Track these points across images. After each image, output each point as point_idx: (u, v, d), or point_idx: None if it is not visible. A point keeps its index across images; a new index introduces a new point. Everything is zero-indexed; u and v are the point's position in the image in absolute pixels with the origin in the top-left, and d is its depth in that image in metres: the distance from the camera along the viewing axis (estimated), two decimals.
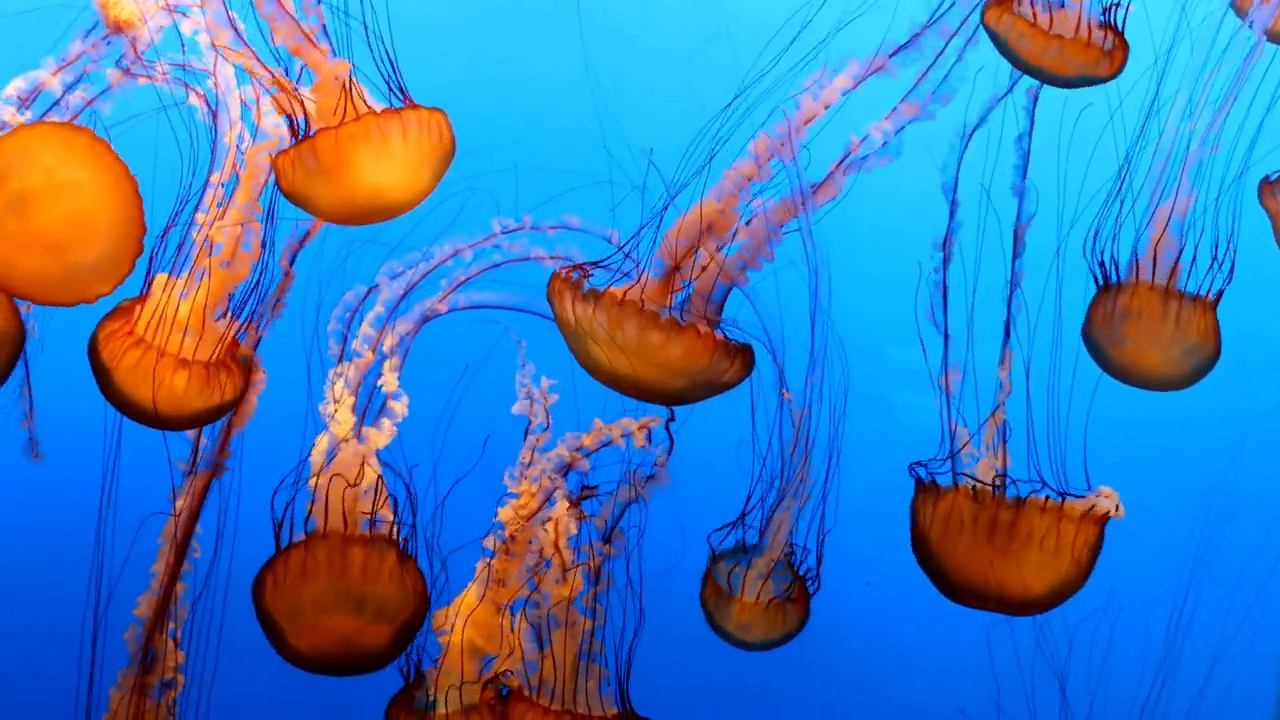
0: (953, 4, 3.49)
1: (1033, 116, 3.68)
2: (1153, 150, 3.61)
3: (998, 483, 3.57)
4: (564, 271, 3.57)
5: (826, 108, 3.53)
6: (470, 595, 3.71)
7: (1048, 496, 3.52)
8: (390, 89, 3.39)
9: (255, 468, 3.73)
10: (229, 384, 3.48)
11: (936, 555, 3.62)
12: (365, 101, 3.38)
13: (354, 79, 3.36)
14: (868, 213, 3.72)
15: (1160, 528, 4.39)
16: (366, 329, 3.70)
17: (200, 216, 3.44)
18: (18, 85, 3.34)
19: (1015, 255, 3.68)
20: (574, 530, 3.69)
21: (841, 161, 3.57)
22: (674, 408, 3.70)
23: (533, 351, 3.76)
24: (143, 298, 3.45)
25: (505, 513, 3.70)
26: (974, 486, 3.55)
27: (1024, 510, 3.51)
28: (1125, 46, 3.53)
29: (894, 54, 3.51)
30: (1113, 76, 3.55)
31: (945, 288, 3.67)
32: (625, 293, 3.53)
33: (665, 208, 3.57)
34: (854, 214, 3.64)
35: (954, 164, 3.65)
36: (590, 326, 3.52)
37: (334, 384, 3.65)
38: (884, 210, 3.92)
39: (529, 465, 3.71)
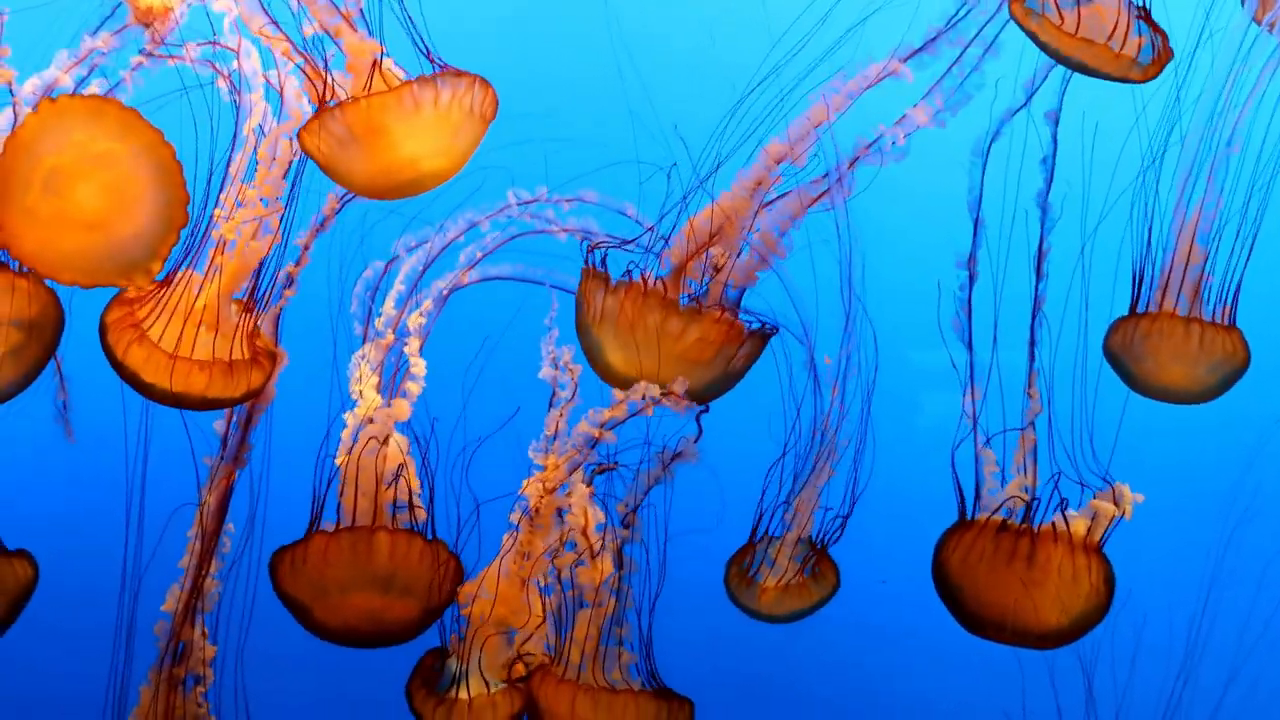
0: None
1: (1056, 122, 3.68)
2: (1176, 157, 3.63)
3: (1025, 503, 3.59)
4: (593, 268, 3.58)
5: (856, 94, 3.54)
6: (494, 569, 3.71)
7: (1064, 518, 3.53)
8: (428, 57, 3.35)
9: (283, 451, 3.72)
10: (249, 375, 3.48)
11: (956, 586, 3.65)
12: (396, 76, 3.35)
13: (385, 57, 3.33)
14: (894, 210, 3.74)
15: (1181, 530, 4.40)
16: (389, 309, 3.69)
17: (219, 211, 3.44)
18: (33, 84, 3.33)
19: (1039, 278, 3.69)
20: (601, 517, 3.69)
21: (856, 159, 3.58)
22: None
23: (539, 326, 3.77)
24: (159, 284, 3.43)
25: (530, 486, 3.69)
26: (1003, 521, 3.56)
27: (1042, 540, 3.53)
28: (1165, 40, 3.51)
29: (924, 47, 3.51)
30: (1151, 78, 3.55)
31: (970, 308, 3.67)
32: (646, 284, 3.56)
33: (692, 190, 3.57)
34: (881, 208, 3.67)
35: (977, 166, 3.66)
36: (616, 319, 3.55)
37: (359, 365, 3.65)
38: (907, 206, 3.93)
39: (554, 438, 3.70)
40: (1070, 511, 3.57)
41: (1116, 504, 3.56)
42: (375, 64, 3.31)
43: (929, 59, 3.55)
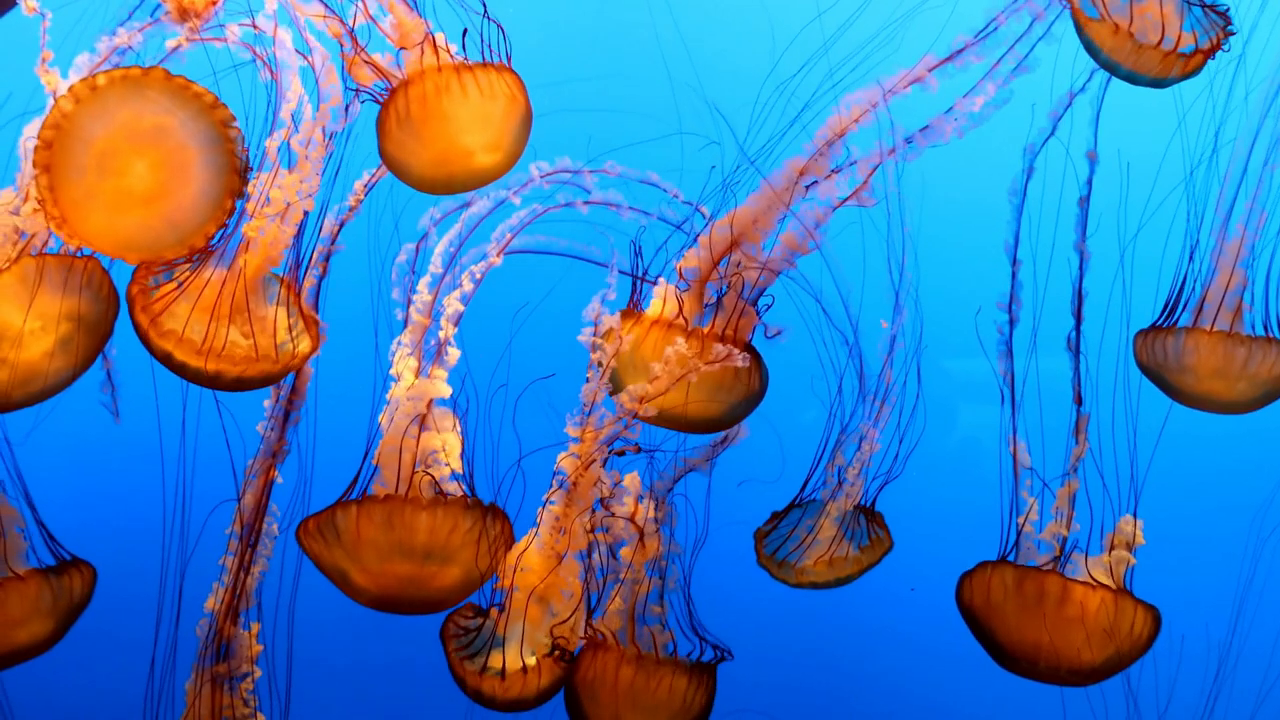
0: None
1: (1096, 131, 3.66)
2: (1222, 175, 3.61)
3: (1059, 553, 3.59)
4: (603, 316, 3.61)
5: (885, 100, 3.53)
6: (530, 543, 3.70)
7: (1097, 583, 3.52)
8: (482, 47, 3.38)
9: (327, 436, 3.70)
10: (289, 352, 3.47)
11: (985, 623, 3.64)
12: (449, 58, 3.36)
13: (436, 37, 3.35)
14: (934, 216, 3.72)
15: (1213, 541, 4.38)
16: (423, 292, 3.67)
17: (250, 204, 3.43)
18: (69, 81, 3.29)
19: (1079, 321, 3.67)
20: (655, 514, 3.67)
21: (874, 165, 3.57)
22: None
23: (578, 298, 3.75)
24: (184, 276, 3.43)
25: (565, 460, 3.67)
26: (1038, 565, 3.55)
27: (1073, 587, 3.53)
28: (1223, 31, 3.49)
29: (969, 45, 3.50)
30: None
31: (1011, 324, 3.66)
32: (660, 315, 3.57)
33: (735, 171, 3.55)
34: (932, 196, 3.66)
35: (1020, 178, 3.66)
36: (638, 354, 3.56)
37: (398, 352, 3.63)
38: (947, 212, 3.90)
39: (590, 411, 3.67)
40: (1093, 557, 3.57)
41: (1128, 545, 3.56)
42: (429, 45, 3.33)
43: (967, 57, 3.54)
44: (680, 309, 3.59)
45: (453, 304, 3.62)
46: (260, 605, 3.77)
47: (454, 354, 3.63)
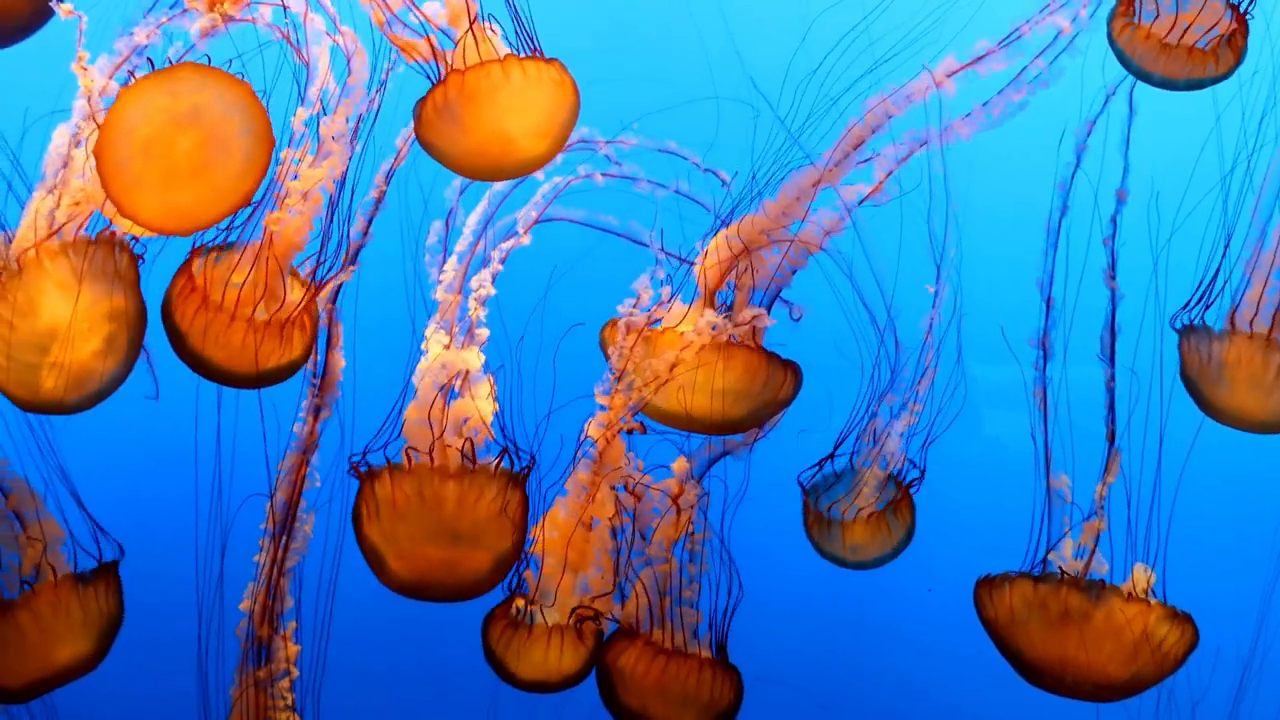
0: None
1: (1126, 150, 3.64)
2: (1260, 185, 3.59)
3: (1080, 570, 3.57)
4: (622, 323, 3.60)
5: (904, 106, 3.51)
6: (558, 512, 3.69)
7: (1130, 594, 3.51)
8: (520, 37, 3.40)
9: (366, 416, 3.67)
10: (299, 343, 3.51)
11: (1009, 640, 3.63)
12: (498, 48, 3.40)
13: (485, 23, 3.40)
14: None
15: (1240, 549, 4.37)
16: (450, 271, 3.67)
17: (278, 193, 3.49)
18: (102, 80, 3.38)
19: (1112, 341, 3.64)
20: (695, 492, 3.65)
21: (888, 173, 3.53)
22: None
23: (601, 270, 3.71)
24: (210, 255, 3.49)
25: (593, 429, 3.66)
26: (1059, 577, 3.54)
27: (1099, 602, 3.51)
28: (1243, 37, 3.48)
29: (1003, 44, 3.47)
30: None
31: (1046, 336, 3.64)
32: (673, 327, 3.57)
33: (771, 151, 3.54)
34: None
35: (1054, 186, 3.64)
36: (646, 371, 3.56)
37: (433, 333, 3.63)
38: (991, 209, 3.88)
39: (619, 379, 3.65)
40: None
41: (1144, 591, 3.54)
42: (473, 32, 3.37)
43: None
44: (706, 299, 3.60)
45: (482, 283, 3.62)
46: (300, 601, 3.74)
47: (483, 333, 3.64)
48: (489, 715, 3.88)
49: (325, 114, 3.52)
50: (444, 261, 3.72)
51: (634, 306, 3.62)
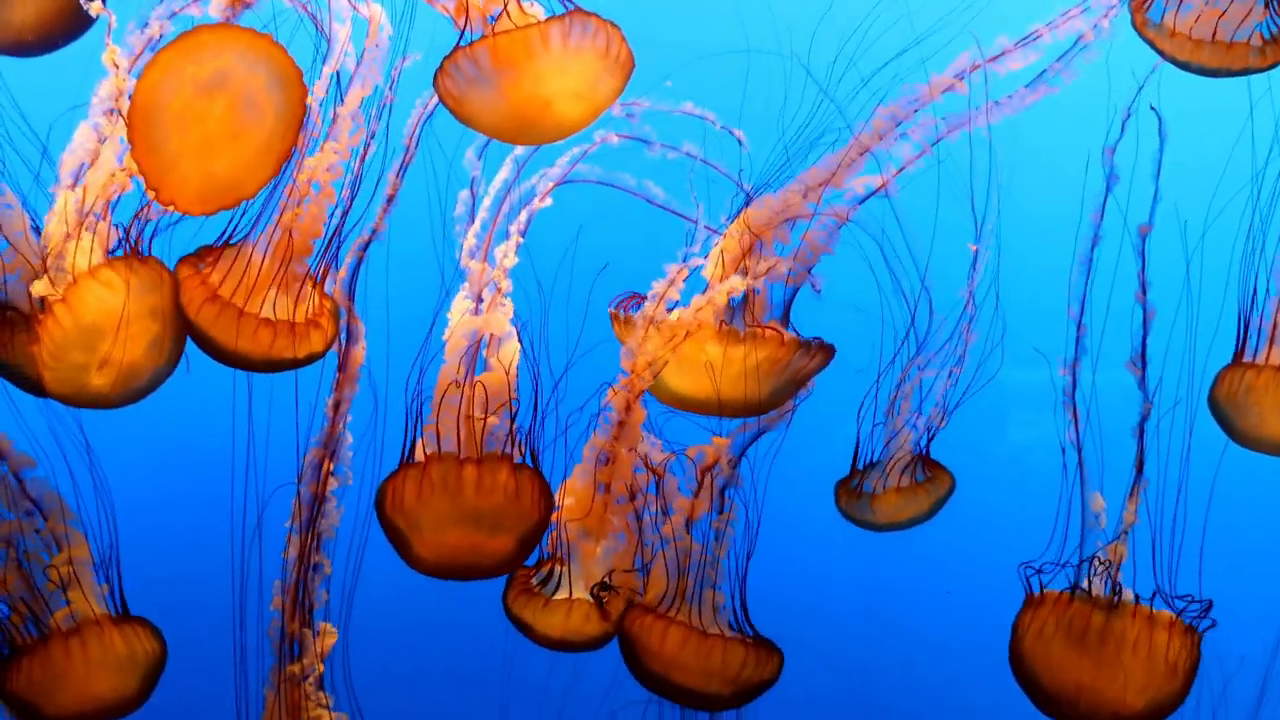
0: None
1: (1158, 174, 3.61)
2: None
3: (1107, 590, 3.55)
4: (621, 312, 3.59)
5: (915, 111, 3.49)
6: (577, 479, 3.68)
7: (1140, 602, 3.49)
8: None
9: (398, 390, 3.66)
10: (310, 337, 3.49)
11: (1028, 663, 3.60)
12: (532, 14, 3.36)
13: None
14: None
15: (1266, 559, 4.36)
16: (471, 240, 3.65)
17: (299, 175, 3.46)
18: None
19: (1143, 369, 3.62)
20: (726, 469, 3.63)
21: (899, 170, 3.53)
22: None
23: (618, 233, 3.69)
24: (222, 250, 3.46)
25: (614, 394, 3.65)
26: (1083, 592, 3.52)
27: (1117, 617, 3.49)
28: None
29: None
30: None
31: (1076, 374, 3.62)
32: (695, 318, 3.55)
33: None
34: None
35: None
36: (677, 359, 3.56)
37: (456, 298, 3.61)
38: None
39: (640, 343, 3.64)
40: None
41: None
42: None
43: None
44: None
45: (506, 251, 3.60)
46: (330, 587, 3.73)
47: (508, 306, 3.62)
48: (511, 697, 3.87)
49: (346, 90, 3.48)
50: (470, 228, 3.69)
51: (667, 283, 3.60)
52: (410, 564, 3.56)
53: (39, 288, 3.32)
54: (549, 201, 3.66)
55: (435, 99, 3.45)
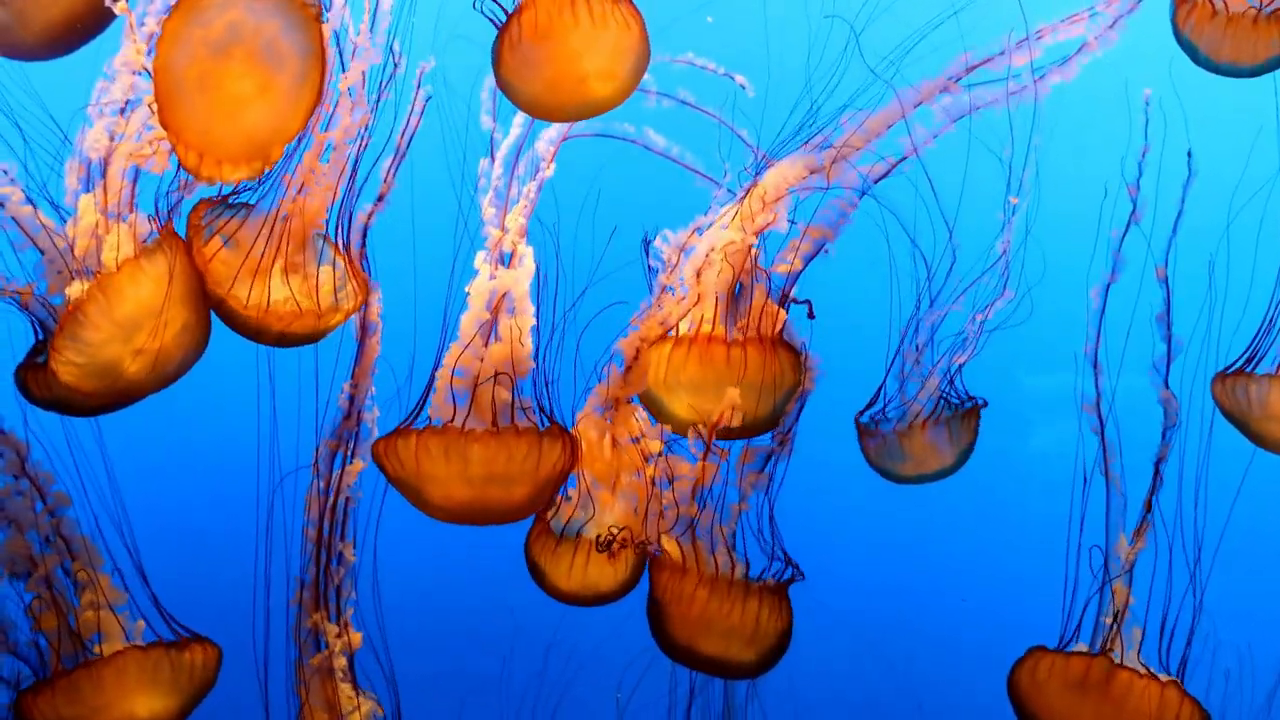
0: None
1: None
2: None
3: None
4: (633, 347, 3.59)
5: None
6: (585, 427, 3.67)
7: (1149, 670, 3.47)
8: None
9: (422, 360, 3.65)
10: (335, 310, 3.48)
11: (1028, 707, 3.58)
12: None
13: None
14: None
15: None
16: (488, 209, 3.62)
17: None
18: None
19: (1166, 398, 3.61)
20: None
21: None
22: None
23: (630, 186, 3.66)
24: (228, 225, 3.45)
25: (625, 342, 3.63)
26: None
27: (1118, 673, 3.47)
28: None
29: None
30: None
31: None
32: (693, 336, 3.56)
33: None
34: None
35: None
36: (681, 380, 3.56)
37: (481, 270, 3.58)
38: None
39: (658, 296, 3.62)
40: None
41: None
42: None
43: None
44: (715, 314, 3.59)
45: (517, 217, 3.59)
46: (356, 577, 3.74)
47: (529, 264, 3.60)
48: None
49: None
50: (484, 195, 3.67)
51: (677, 246, 3.60)
52: (423, 510, 3.56)
53: (74, 290, 3.30)
54: (552, 170, 3.62)
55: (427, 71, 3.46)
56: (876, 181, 3.55)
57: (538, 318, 3.56)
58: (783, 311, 3.61)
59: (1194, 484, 3.55)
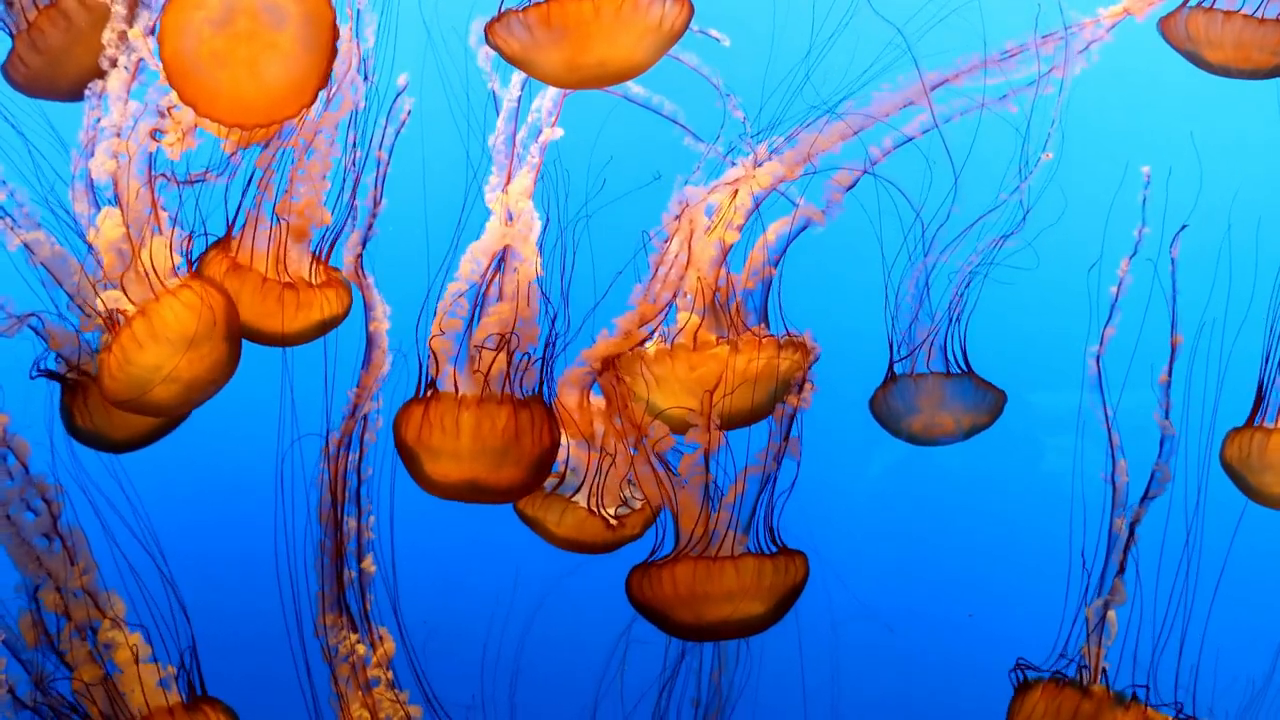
0: None
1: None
2: None
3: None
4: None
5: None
6: (580, 396, 3.70)
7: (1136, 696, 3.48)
8: None
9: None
10: (332, 300, 3.55)
11: None
12: None
13: None
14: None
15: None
16: (493, 181, 3.64)
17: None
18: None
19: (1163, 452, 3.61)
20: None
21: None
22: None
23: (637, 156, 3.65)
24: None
25: (623, 321, 3.64)
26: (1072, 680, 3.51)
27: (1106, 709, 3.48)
28: None
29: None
30: None
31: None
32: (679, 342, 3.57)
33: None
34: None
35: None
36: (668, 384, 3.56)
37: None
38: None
39: (657, 273, 3.63)
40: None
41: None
42: None
43: None
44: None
45: (522, 180, 3.61)
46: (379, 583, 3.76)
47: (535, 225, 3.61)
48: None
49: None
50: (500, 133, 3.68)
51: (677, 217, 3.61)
52: (422, 485, 3.59)
53: (110, 298, 3.34)
54: (560, 132, 3.64)
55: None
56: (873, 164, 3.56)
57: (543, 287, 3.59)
58: (767, 332, 3.62)
59: (1182, 520, 3.55)
